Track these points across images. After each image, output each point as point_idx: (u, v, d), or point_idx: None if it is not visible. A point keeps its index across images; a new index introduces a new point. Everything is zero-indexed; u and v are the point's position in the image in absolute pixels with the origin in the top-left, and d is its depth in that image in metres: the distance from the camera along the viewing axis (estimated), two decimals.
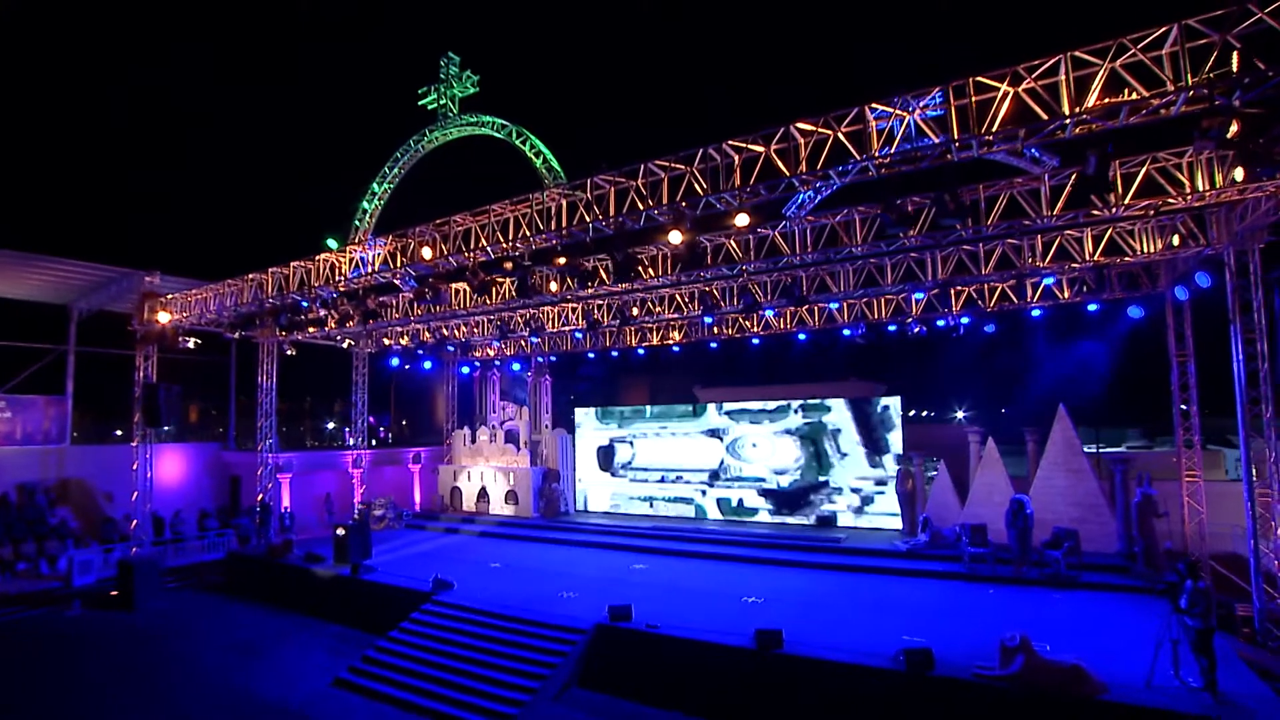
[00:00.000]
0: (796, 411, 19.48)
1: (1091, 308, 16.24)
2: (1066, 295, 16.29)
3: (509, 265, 10.88)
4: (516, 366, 27.01)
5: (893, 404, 19.95)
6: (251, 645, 14.25)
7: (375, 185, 19.10)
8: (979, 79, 7.42)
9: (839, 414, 18.75)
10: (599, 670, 11.75)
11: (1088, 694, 8.58)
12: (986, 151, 7.97)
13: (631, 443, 23.75)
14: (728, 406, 21.62)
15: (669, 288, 16.89)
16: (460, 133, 18.03)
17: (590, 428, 25.24)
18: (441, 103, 18.02)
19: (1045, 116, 7.25)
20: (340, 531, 17.76)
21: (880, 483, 17.74)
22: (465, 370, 28.06)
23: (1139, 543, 13.89)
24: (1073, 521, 15.31)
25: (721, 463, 22.27)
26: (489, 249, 11.14)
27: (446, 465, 27.12)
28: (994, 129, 7.54)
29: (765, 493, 20.59)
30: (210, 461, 28.26)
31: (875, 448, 18.49)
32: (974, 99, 7.45)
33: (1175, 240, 12.29)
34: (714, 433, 22.57)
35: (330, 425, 55.50)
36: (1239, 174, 9.23)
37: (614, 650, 11.87)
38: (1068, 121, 7.16)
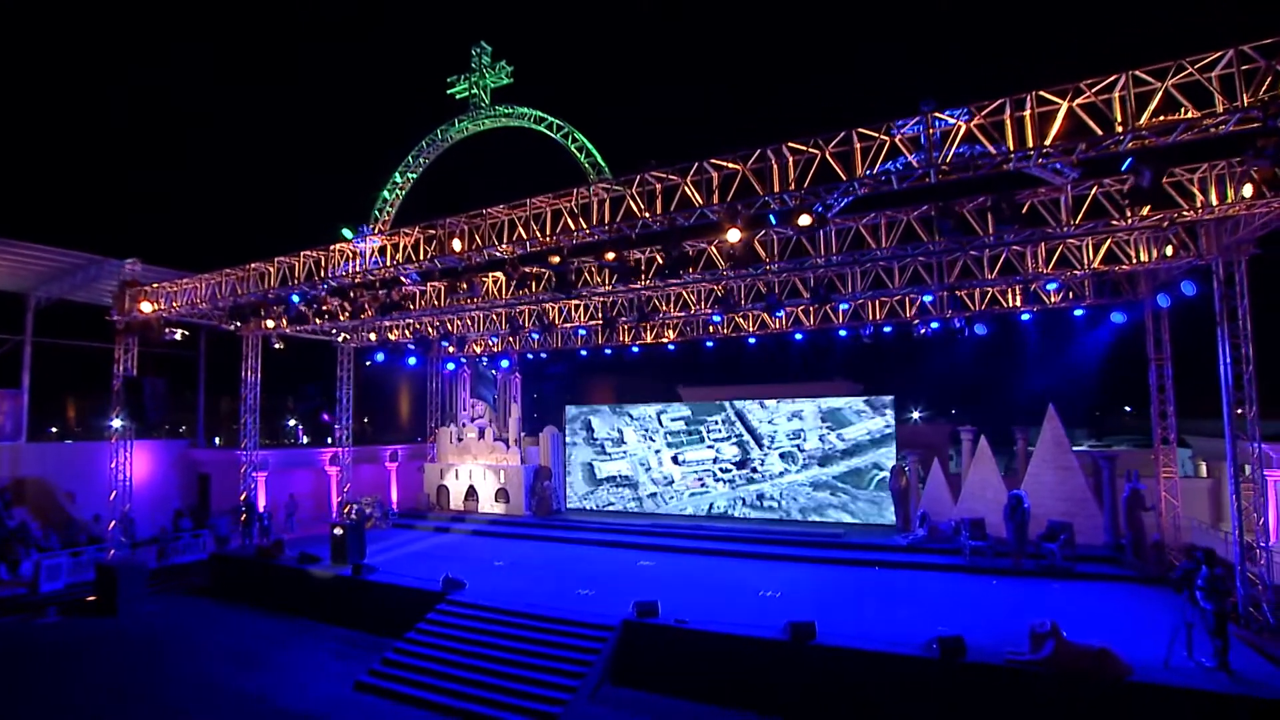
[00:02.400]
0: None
1: (1078, 313, 17.22)
2: (1054, 300, 17.15)
3: (555, 259, 10.77)
4: (505, 363, 26.67)
5: (885, 403, 20.97)
6: (254, 651, 13.67)
7: (397, 175, 18.47)
8: (1041, 93, 7.81)
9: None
10: (630, 667, 11.77)
11: (1116, 675, 9.12)
12: (1044, 162, 8.38)
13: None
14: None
15: (678, 285, 16.99)
16: (494, 124, 17.61)
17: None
18: (473, 93, 17.52)
19: (1100, 131, 7.67)
20: (338, 531, 17.19)
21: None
22: (451, 367, 27.53)
23: (1127, 535, 14.77)
24: (1061, 515, 16.15)
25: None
26: (528, 243, 11.01)
27: (432, 463, 26.54)
28: (1049, 141, 7.93)
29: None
30: (178, 459, 26.91)
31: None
32: (1035, 111, 7.83)
33: (1169, 250, 13.12)
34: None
35: (291, 423, 53.48)
36: (1247, 190, 9.99)
37: (643, 646, 11.90)
38: (1123, 136, 7.59)
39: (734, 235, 9.22)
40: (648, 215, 9.87)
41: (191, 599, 18.03)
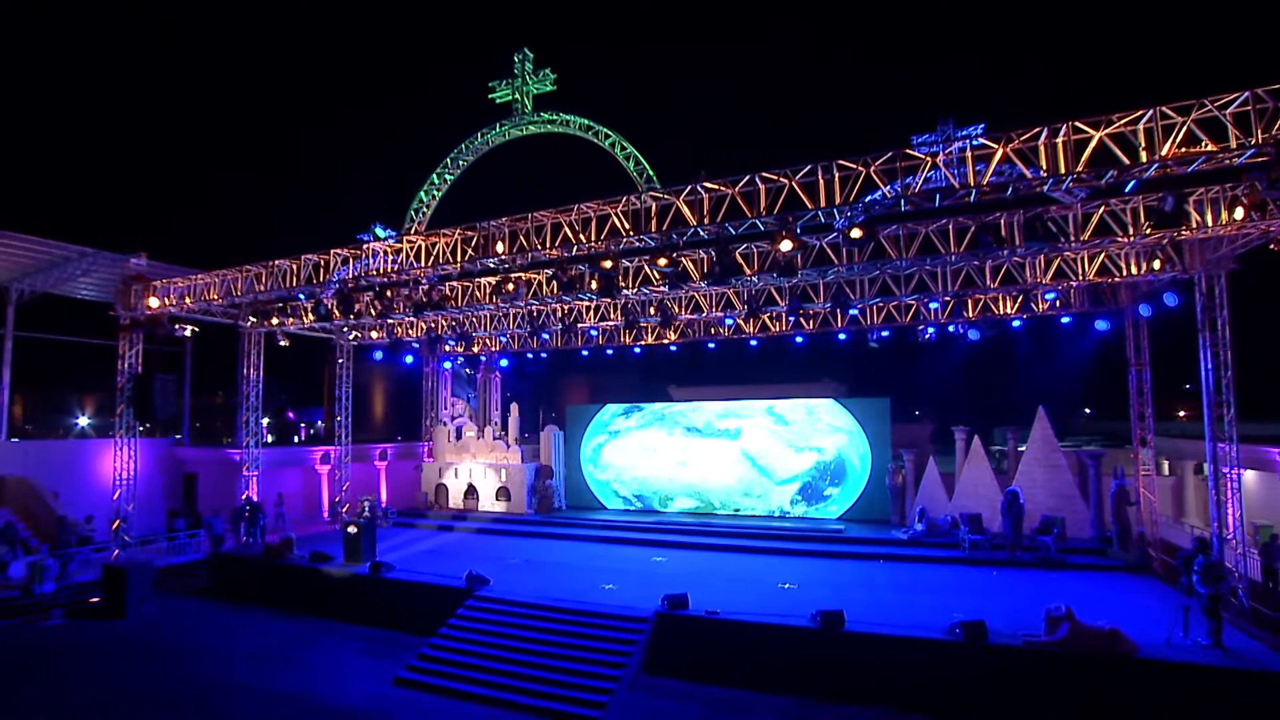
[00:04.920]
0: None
1: (1065, 320, 18.38)
2: (1042, 308, 18.25)
3: (607, 264, 11.12)
4: (504, 363, 26.82)
5: (880, 404, 21.98)
6: (279, 652, 13.61)
7: (434, 176, 18.42)
8: (1076, 123, 8.57)
9: None
10: (663, 657, 12.18)
11: (1125, 653, 10.00)
12: (1075, 185, 9.16)
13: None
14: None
15: (697, 288, 17.45)
16: (538, 129, 17.75)
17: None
18: (516, 98, 17.61)
19: (1127, 160, 8.47)
20: (352, 530, 17.14)
21: None
22: (447, 366, 27.53)
23: (1114, 527, 15.90)
24: (1051, 510, 17.25)
25: None
26: (575, 246, 11.34)
27: (430, 462, 26.48)
28: (1080, 167, 8.70)
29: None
30: (162, 458, 26.17)
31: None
32: (1071, 138, 8.58)
33: (1157, 264, 14.21)
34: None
35: (264, 421, 52.10)
36: (1238, 214, 11.00)
37: (676, 637, 12.36)
38: (1148, 165, 8.40)
39: (786, 245, 9.78)
40: (701, 223, 10.33)
41: (195, 600, 17.74)
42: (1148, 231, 11.27)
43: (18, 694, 11.42)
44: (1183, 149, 8.17)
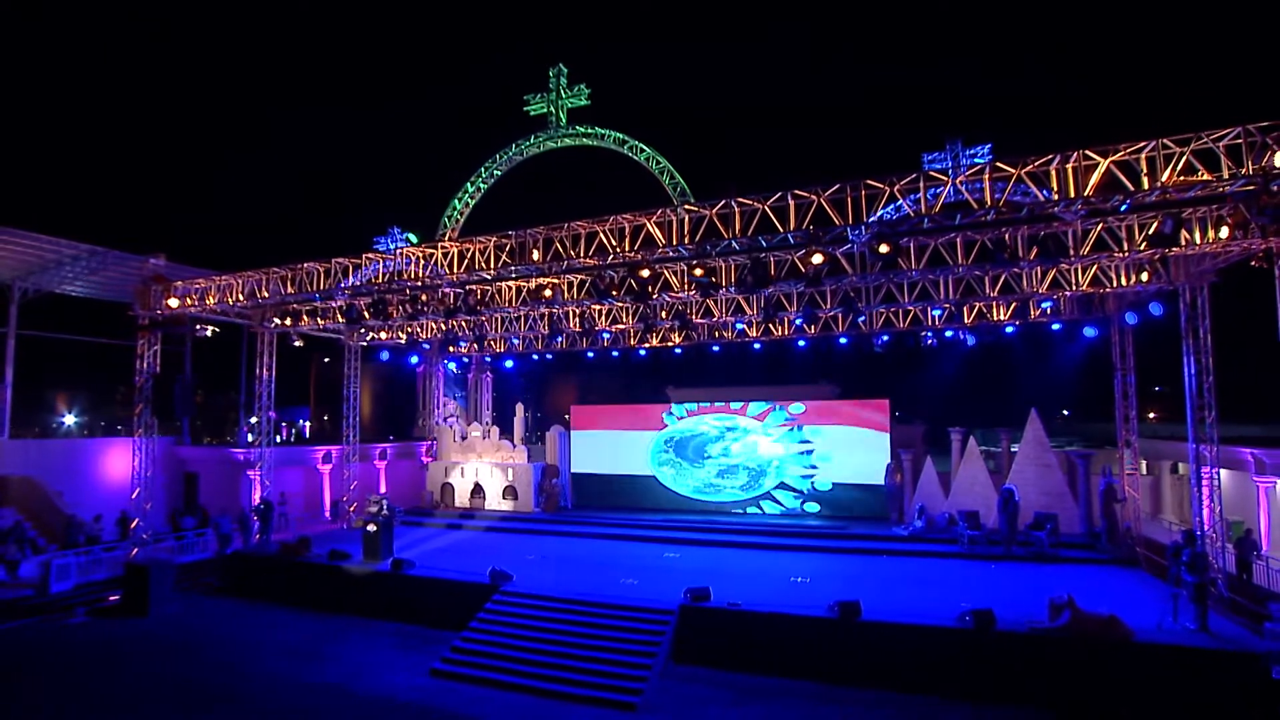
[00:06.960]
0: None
1: (1055, 327, 19.39)
2: (1034, 315, 19.24)
3: (645, 272, 11.67)
4: (510, 363, 27.19)
5: (880, 405, 22.81)
6: (309, 647, 13.90)
7: (469, 184, 18.74)
8: (1085, 151, 9.36)
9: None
10: (690, 647, 12.77)
11: (1123, 637, 10.84)
12: (1083, 208, 9.96)
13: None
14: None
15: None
16: (574, 142, 18.19)
17: None
18: (550, 111, 18.02)
19: (1132, 187, 9.28)
20: (371, 528, 17.46)
21: None
22: (451, 366, 27.84)
23: (1103, 523, 16.88)
24: (1043, 508, 18.19)
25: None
26: (610, 255, 11.87)
27: (435, 461, 26.76)
28: (1088, 191, 9.50)
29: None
30: (162, 457, 25.93)
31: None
32: (1082, 164, 9.37)
33: (1145, 276, 15.18)
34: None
35: (254, 420, 51.50)
36: (1224, 232, 11.94)
37: (701, 628, 12.96)
38: (1150, 191, 9.22)
39: (817, 258, 10.46)
40: (734, 235, 10.96)
41: (211, 599, 17.89)
42: (1142, 247, 12.15)
43: (62, 689, 11.63)
44: (1181, 177, 9.00)
